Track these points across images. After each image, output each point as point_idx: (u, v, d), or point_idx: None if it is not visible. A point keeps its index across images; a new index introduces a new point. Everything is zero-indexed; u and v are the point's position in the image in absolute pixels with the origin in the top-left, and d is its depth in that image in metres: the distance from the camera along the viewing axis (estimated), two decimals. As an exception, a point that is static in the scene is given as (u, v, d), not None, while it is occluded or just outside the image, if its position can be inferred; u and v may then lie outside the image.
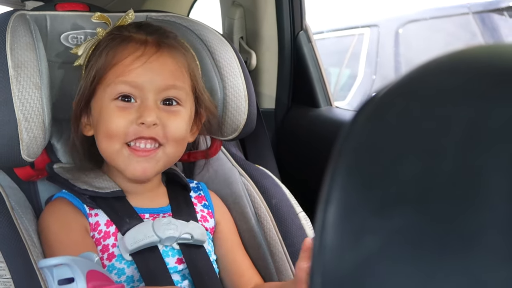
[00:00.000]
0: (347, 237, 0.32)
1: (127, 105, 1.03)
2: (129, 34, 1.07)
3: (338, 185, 0.34)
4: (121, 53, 1.04)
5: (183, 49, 1.10)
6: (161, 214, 1.10)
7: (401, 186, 0.30)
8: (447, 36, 3.64)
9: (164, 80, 1.04)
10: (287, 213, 1.22)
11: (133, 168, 1.03)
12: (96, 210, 1.06)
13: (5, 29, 1.03)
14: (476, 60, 0.33)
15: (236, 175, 1.27)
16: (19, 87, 1.00)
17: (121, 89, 1.02)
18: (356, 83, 3.96)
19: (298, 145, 1.68)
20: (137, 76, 1.02)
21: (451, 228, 0.28)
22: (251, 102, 1.22)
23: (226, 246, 1.16)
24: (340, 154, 0.35)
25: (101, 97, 1.04)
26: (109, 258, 1.02)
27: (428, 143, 0.30)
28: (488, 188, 0.27)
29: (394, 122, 0.33)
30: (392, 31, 3.81)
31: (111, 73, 1.03)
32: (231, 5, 1.76)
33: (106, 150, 1.05)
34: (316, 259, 0.34)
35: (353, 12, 4.44)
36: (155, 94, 1.03)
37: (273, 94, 1.74)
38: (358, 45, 4.01)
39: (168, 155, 1.06)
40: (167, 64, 1.05)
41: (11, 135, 1.00)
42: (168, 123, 1.03)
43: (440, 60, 0.34)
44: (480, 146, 0.28)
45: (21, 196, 1.10)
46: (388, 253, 0.30)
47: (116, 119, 1.02)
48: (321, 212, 0.35)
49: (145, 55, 1.04)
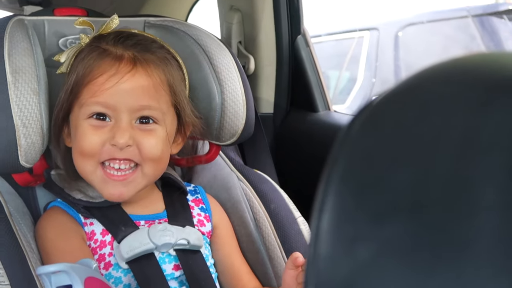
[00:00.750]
0: (341, 245, 0.32)
1: (102, 123, 1.01)
2: (106, 46, 1.04)
3: (332, 192, 0.34)
4: (96, 70, 1.01)
5: (163, 64, 1.07)
6: (157, 221, 1.09)
7: (394, 194, 0.30)
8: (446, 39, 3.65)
9: (137, 101, 1.01)
10: (286, 218, 1.22)
11: (108, 192, 1.02)
12: (91, 219, 1.05)
13: (3, 34, 1.03)
14: (470, 69, 0.33)
15: (235, 180, 1.27)
16: (17, 93, 1.00)
17: (94, 109, 1.01)
18: (356, 86, 3.97)
19: (297, 149, 1.68)
20: (109, 97, 1.00)
21: (443, 236, 0.28)
22: (249, 107, 1.22)
23: (224, 251, 1.16)
24: (334, 161, 0.35)
25: (77, 115, 1.03)
26: (105, 267, 1.02)
27: (421, 151, 0.30)
28: (480, 197, 0.27)
29: (388, 130, 0.33)
30: (391, 34, 3.82)
31: (85, 92, 1.02)
32: (229, 10, 1.76)
33: (81, 169, 1.04)
34: (310, 268, 0.33)
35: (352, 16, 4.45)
36: (128, 115, 1.01)
37: (272, 98, 1.75)
38: (357, 49, 4.01)
39: (146, 175, 1.04)
40: (140, 83, 1.02)
41: (9, 141, 0.99)
42: (142, 142, 1.01)
43: (434, 68, 0.34)
44: (472, 155, 0.28)
45: (19, 202, 1.09)
46: (381, 262, 0.30)
47: (90, 137, 1.00)
48: (315, 219, 0.35)
49: (119, 74, 1.01)
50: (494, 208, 0.27)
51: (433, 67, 0.35)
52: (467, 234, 0.27)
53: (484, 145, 0.28)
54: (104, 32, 1.09)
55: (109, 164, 1.01)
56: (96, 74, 1.01)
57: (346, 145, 0.35)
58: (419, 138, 0.31)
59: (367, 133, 0.34)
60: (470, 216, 0.27)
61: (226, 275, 1.15)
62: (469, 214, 0.27)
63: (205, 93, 1.17)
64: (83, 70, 1.02)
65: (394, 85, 0.36)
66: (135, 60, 1.03)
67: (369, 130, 0.34)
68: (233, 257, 1.17)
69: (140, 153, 1.02)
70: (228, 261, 1.15)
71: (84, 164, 1.02)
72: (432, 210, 0.29)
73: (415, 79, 0.34)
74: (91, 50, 1.05)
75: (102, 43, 1.05)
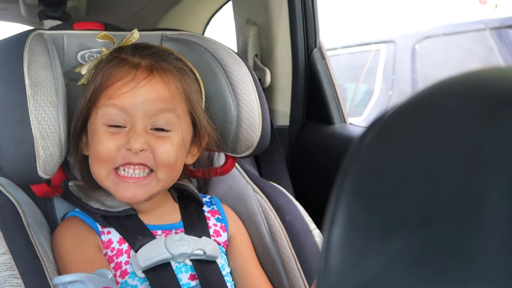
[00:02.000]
0: (351, 258, 0.32)
1: (117, 130, 1.03)
2: (124, 56, 1.07)
3: (343, 205, 0.34)
4: (114, 77, 1.04)
5: (179, 74, 1.09)
6: (174, 231, 1.10)
7: (402, 207, 0.31)
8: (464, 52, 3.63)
9: (153, 105, 1.03)
10: (301, 230, 1.22)
11: (122, 194, 1.03)
12: (108, 228, 1.06)
13: (22, 48, 1.05)
14: (479, 83, 0.34)
15: (250, 192, 1.27)
16: (36, 105, 1.01)
17: (110, 111, 1.02)
18: (373, 99, 3.96)
19: (312, 162, 1.69)
20: (125, 100, 1.02)
21: (451, 249, 0.28)
22: (265, 119, 1.22)
23: (241, 261, 1.16)
24: (345, 174, 0.36)
25: (94, 120, 1.05)
26: (122, 275, 1.02)
27: (429, 165, 0.31)
28: (488, 210, 0.28)
29: (397, 144, 0.33)
30: (408, 47, 3.81)
31: (103, 96, 1.04)
32: (246, 23, 1.78)
33: (95, 174, 1.06)
34: (321, 280, 0.34)
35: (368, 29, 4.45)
36: (144, 120, 1.02)
37: (288, 111, 1.75)
38: (374, 61, 4.01)
39: (161, 180, 1.05)
40: (157, 89, 1.04)
41: (28, 153, 1.01)
42: (157, 148, 1.03)
43: (444, 82, 0.35)
44: (480, 168, 0.29)
45: (37, 212, 1.11)
46: (390, 274, 0.30)
47: (106, 143, 1.02)
48: (326, 232, 0.35)
49: (136, 80, 1.03)
50: (500, 222, 0.27)
51: (443, 81, 0.35)
52: (474, 247, 0.28)
53: (491, 159, 0.28)
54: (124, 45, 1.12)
55: (123, 169, 1.03)
56: (113, 80, 1.03)
57: (356, 158, 0.36)
58: (427, 152, 0.31)
59: (378, 146, 0.35)
60: (476, 229, 0.28)
61: (243, 284, 1.15)
62: (475, 227, 0.28)
63: (221, 105, 1.18)
64: (101, 78, 1.05)
65: (405, 99, 0.36)
66: (151, 68, 1.05)
67: (379, 143, 0.35)
68: (250, 268, 1.17)
69: (154, 159, 1.03)
70: (245, 271, 1.16)
71: (99, 169, 1.04)
72: (440, 223, 0.29)
73: (425, 93, 0.35)
74: (109, 60, 1.07)
75: (120, 53, 1.08)
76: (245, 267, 1.16)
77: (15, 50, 1.05)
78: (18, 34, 1.10)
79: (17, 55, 1.04)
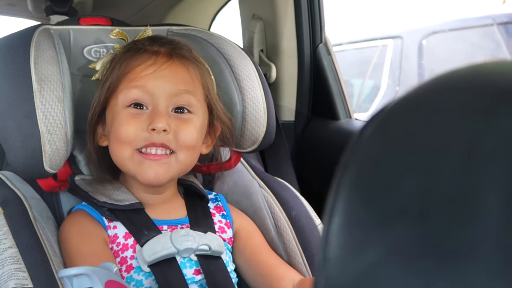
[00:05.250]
0: (349, 249, 0.33)
1: (139, 112, 1.04)
2: (142, 46, 1.10)
3: (342, 197, 0.35)
4: (134, 63, 1.06)
5: (196, 61, 1.12)
6: (179, 226, 1.11)
7: (401, 200, 0.31)
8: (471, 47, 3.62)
9: (175, 86, 1.05)
10: (307, 224, 1.22)
11: (145, 172, 1.04)
12: (115, 223, 1.07)
13: (29, 43, 1.06)
14: (479, 77, 0.34)
15: (256, 187, 1.28)
16: (42, 100, 1.02)
17: (132, 94, 1.04)
18: (380, 94, 3.95)
19: (318, 157, 1.69)
20: (148, 82, 1.04)
21: (448, 241, 0.28)
22: (270, 115, 1.23)
23: (246, 253, 1.16)
24: (345, 167, 0.36)
25: (114, 105, 1.07)
26: (127, 270, 1.03)
27: (427, 158, 0.31)
28: (484, 203, 0.28)
29: (396, 137, 0.33)
30: (415, 43, 3.80)
31: (124, 81, 1.06)
32: (251, 19, 1.78)
33: (118, 156, 1.07)
34: (320, 270, 0.34)
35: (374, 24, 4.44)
36: (166, 101, 1.05)
37: (293, 106, 1.75)
38: (381, 57, 4.00)
39: (180, 163, 1.06)
40: (178, 72, 1.07)
41: (34, 147, 1.02)
42: (179, 130, 1.05)
43: (442, 77, 0.35)
44: (477, 162, 0.29)
45: (44, 207, 1.11)
46: (389, 265, 0.30)
47: (127, 126, 1.04)
48: (325, 224, 0.35)
49: (157, 64, 1.06)
50: (496, 214, 0.27)
51: (442, 75, 0.36)
52: (471, 239, 0.28)
53: (488, 153, 0.29)
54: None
55: (145, 150, 1.04)
56: (134, 65, 1.06)
57: (356, 151, 0.36)
58: (425, 145, 0.31)
59: (377, 140, 0.35)
60: (473, 222, 0.28)
61: (254, 275, 1.15)
62: (472, 220, 0.28)
63: (226, 100, 1.19)
64: (120, 66, 1.07)
65: (404, 92, 0.36)
66: (171, 54, 1.08)
67: (378, 137, 0.35)
68: (257, 256, 1.16)
69: (176, 140, 1.04)
70: (253, 261, 1.15)
71: (122, 151, 1.05)
72: (437, 215, 0.29)
73: (424, 87, 0.35)
74: (127, 50, 1.10)
75: (138, 44, 1.11)
76: (251, 257, 1.16)
77: (22, 45, 1.06)
78: (24, 30, 1.11)
79: (24, 50, 1.05)
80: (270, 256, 1.17)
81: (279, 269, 1.14)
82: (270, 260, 1.16)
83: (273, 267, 1.14)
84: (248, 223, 1.22)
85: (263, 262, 1.15)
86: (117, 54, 1.12)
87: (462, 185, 0.29)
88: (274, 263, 1.15)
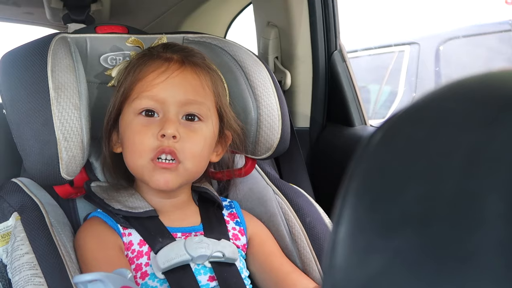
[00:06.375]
0: (355, 257, 0.33)
1: (150, 120, 1.06)
2: (156, 52, 1.12)
3: (348, 206, 0.35)
4: (147, 69, 1.08)
5: (208, 69, 1.13)
6: (193, 233, 1.11)
7: (404, 208, 0.31)
8: (488, 53, 3.60)
9: (185, 94, 1.07)
10: (321, 231, 1.22)
11: (156, 179, 1.06)
12: (129, 230, 1.08)
13: (46, 51, 1.07)
14: (481, 87, 0.34)
15: (271, 194, 1.28)
16: (59, 107, 1.04)
17: (144, 103, 1.06)
18: (396, 101, 3.94)
19: (333, 164, 1.69)
20: (159, 91, 1.06)
21: (450, 249, 0.29)
22: (285, 121, 1.23)
23: (259, 259, 1.16)
24: (352, 175, 0.37)
25: (127, 113, 1.08)
26: (142, 276, 1.04)
27: (430, 167, 0.31)
28: (486, 211, 0.28)
29: (401, 146, 0.34)
30: (432, 49, 3.79)
31: (136, 89, 1.08)
32: (266, 26, 1.78)
33: (132, 164, 1.08)
34: (326, 278, 0.35)
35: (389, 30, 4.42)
36: (176, 108, 1.06)
37: (308, 113, 1.76)
38: (398, 63, 3.99)
39: (188, 171, 1.08)
40: (189, 80, 1.09)
41: (51, 154, 1.03)
42: (186, 139, 1.06)
43: (447, 86, 0.35)
44: (479, 170, 0.29)
45: (60, 213, 1.12)
46: (392, 272, 0.31)
47: (139, 136, 1.05)
48: (332, 231, 0.36)
49: (168, 71, 1.07)
50: (497, 222, 0.28)
51: (448, 84, 0.36)
52: (473, 247, 0.28)
53: (490, 161, 0.29)
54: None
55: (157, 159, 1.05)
56: (147, 73, 1.08)
57: (363, 160, 0.36)
58: (428, 154, 0.32)
59: (383, 148, 0.35)
60: (476, 229, 0.28)
61: (268, 281, 1.15)
62: (475, 227, 0.28)
63: (241, 107, 1.20)
64: (133, 72, 1.09)
65: (411, 101, 0.37)
66: (183, 61, 1.10)
67: (385, 145, 0.35)
68: (270, 262, 1.16)
69: (183, 149, 1.05)
70: (266, 267, 1.15)
71: (135, 160, 1.07)
72: (440, 223, 0.30)
73: (429, 96, 0.35)
74: (141, 56, 1.12)
75: (152, 51, 1.13)
76: (264, 263, 1.16)
77: (39, 53, 1.07)
78: (42, 38, 1.13)
79: (41, 58, 1.06)
80: (283, 262, 1.17)
81: (292, 276, 1.14)
82: (284, 266, 1.16)
83: (286, 274, 1.14)
84: (262, 229, 1.22)
85: (276, 268, 1.15)
86: (132, 61, 1.14)
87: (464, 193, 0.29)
88: (288, 270, 1.15)
